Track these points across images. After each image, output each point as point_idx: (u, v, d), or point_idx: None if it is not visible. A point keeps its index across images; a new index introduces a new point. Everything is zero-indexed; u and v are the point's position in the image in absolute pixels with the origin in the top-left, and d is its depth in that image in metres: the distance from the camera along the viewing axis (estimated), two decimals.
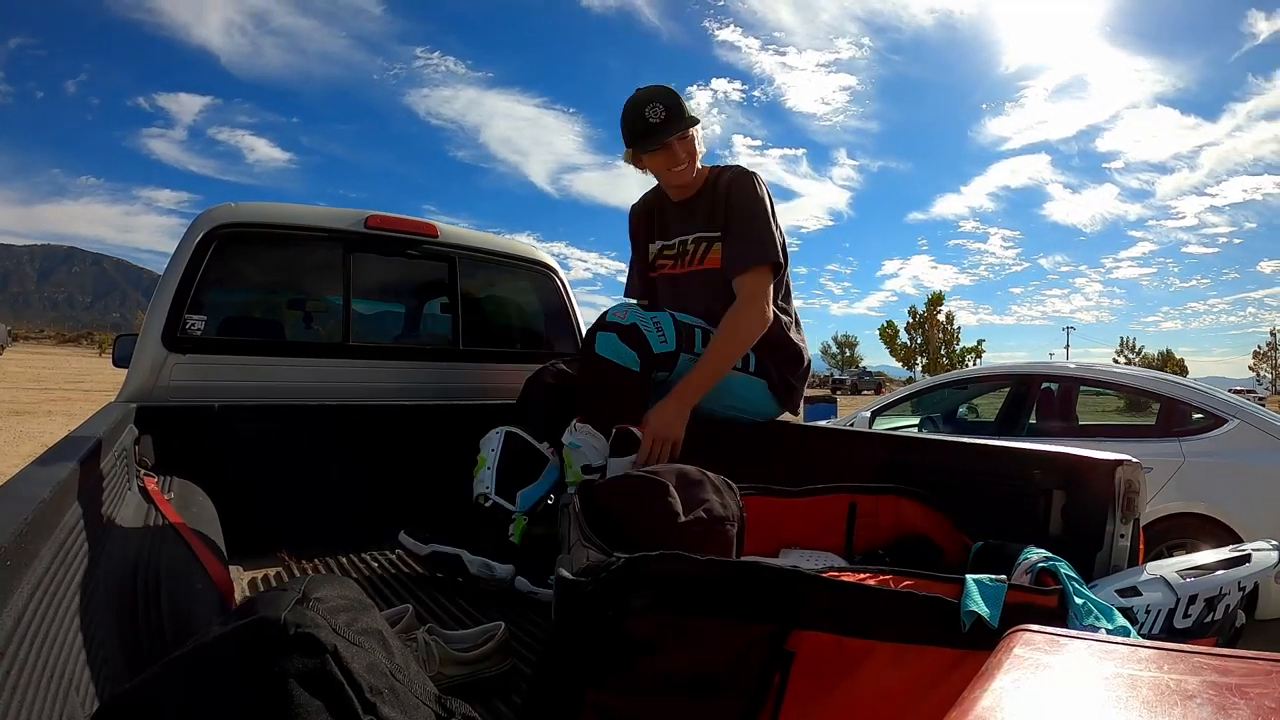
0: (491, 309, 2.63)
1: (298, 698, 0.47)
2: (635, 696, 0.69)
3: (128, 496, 1.22)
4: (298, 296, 2.34)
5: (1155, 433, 3.35)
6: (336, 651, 0.52)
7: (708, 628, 0.70)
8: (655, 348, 1.56)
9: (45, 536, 0.62)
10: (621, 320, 1.57)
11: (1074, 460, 1.18)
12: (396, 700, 0.56)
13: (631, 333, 1.55)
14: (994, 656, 0.43)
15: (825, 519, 1.35)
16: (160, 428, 1.64)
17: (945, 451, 1.43)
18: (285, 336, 2.26)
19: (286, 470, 1.88)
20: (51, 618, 0.59)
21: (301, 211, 2.09)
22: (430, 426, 2.08)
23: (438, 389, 2.23)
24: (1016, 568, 0.99)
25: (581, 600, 0.68)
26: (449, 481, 1.80)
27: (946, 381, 4.77)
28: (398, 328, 2.69)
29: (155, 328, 1.84)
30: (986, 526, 1.21)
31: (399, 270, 2.44)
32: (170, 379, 1.84)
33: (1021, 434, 3.69)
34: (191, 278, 1.86)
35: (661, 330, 1.58)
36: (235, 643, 0.50)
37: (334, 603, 0.59)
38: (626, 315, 1.58)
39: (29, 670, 0.51)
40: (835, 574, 0.76)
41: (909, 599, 0.76)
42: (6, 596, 0.50)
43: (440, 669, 1.05)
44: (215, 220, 1.92)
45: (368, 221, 2.13)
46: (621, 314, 1.59)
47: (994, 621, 0.76)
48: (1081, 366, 4.09)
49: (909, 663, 0.73)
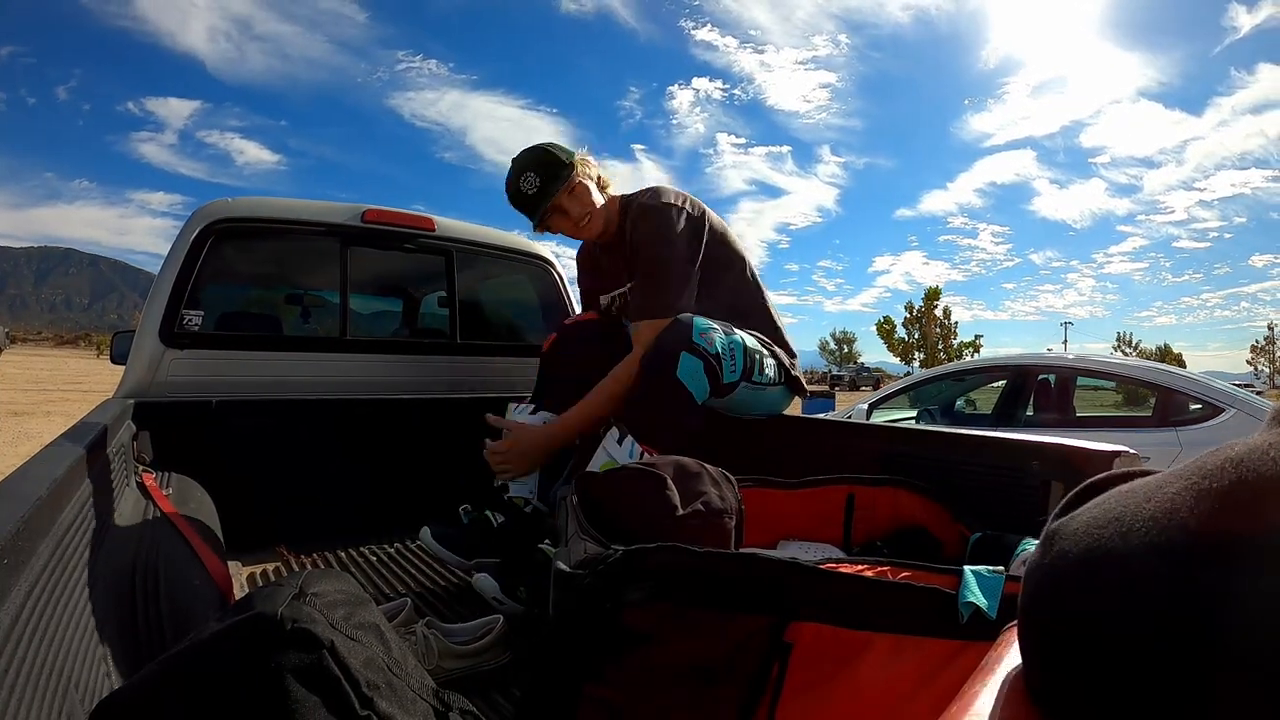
0: (489, 302, 2.63)
1: (295, 693, 0.47)
2: (633, 689, 0.69)
3: (126, 492, 1.22)
4: (295, 291, 2.34)
5: (1152, 423, 3.36)
6: (334, 646, 0.52)
7: (705, 620, 0.70)
8: (725, 379, 1.50)
9: (43, 533, 0.62)
10: (709, 348, 1.46)
11: (1071, 451, 1.18)
12: (394, 694, 0.56)
13: (712, 364, 1.46)
14: (993, 650, 0.42)
15: (824, 510, 1.35)
16: (158, 423, 1.64)
17: (942, 443, 1.43)
18: (282, 331, 2.25)
19: (285, 465, 1.88)
20: (50, 615, 0.59)
21: (298, 206, 2.09)
22: (428, 420, 2.08)
23: (435, 382, 2.23)
24: (1014, 558, 0.99)
25: (579, 593, 0.68)
26: (447, 474, 1.80)
27: (943, 374, 4.78)
28: (395, 322, 2.68)
29: (153, 323, 1.83)
30: (984, 518, 1.21)
31: (396, 264, 2.44)
32: (168, 375, 1.84)
33: (1019, 426, 3.69)
34: (188, 273, 1.86)
35: (734, 360, 1.52)
36: (232, 638, 0.50)
37: (331, 597, 0.59)
38: (714, 341, 1.47)
39: (28, 668, 0.51)
40: (833, 565, 0.76)
41: (907, 590, 0.76)
42: (4, 594, 0.50)
43: (439, 662, 1.05)
44: (211, 215, 1.92)
45: (365, 215, 2.12)
46: (708, 338, 1.47)
47: (992, 613, 0.76)
48: (1079, 357, 4.09)
49: (907, 654, 0.73)
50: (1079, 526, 0.26)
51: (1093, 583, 0.24)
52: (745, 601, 0.71)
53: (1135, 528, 0.23)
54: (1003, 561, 0.96)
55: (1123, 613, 0.22)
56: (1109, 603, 0.23)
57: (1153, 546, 0.22)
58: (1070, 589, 0.25)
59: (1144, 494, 0.25)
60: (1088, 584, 0.24)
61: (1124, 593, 0.22)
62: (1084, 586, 0.24)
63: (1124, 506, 0.25)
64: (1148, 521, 0.23)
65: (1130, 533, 0.23)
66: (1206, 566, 0.21)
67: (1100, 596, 0.24)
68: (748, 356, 1.56)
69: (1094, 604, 0.24)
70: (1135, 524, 0.23)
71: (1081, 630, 0.24)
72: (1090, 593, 0.24)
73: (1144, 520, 0.23)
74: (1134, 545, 0.23)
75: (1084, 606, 0.24)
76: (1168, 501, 0.23)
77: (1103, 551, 0.24)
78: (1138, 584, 0.22)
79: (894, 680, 0.72)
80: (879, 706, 0.72)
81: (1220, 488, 0.22)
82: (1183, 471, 0.24)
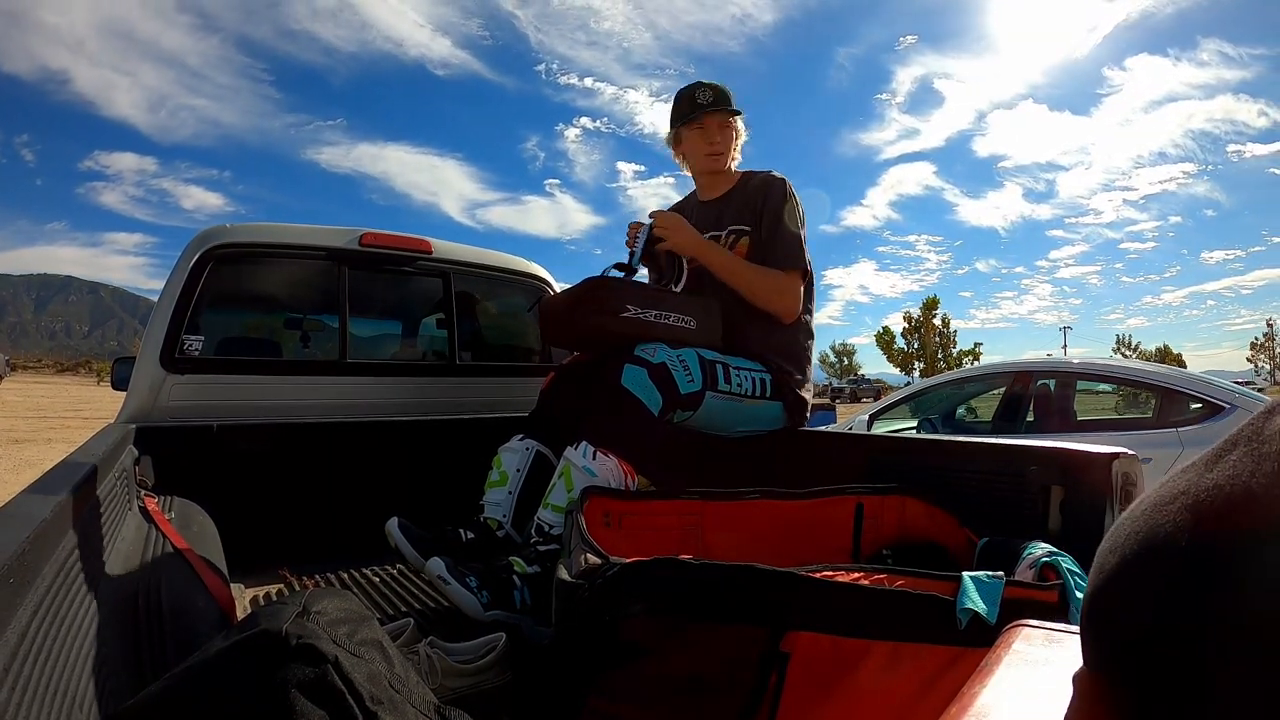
0: (486, 323, 2.65)
1: (300, 707, 0.48)
2: (633, 700, 0.69)
3: (128, 517, 1.23)
4: (294, 315, 2.35)
5: (1153, 424, 3.36)
6: (338, 662, 0.53)
7: (704, 631, 0.70)
8: (683, 388, 1.52)
9: (47, 555, 0.63)
10: (650, 358, 1.50)
11: (1070, 455, 1.18)
12: (397, 710, 0.56)
13: (659, 372, 1.49)
14: (992, 653, 0.42)
15: (833, 521, 1.35)
16: (160, 448, 1.65)
17: (943, 451, 1.44)
18: (282, 355, 2.26)
19: (287, 488, 1.88)
20: (54, 636, 0.60)
21: (296, 230, 2.11)
22: (428, 441, 2.09)
23: (435, 404, 2.23)
24: (1020, 563, 0.99)
25: (579, 605, 0.69)
26: (448, 496, 1.80)
27: (943, 382, 4.78)
28: (394, 344, 2.70)
29: (153, 349, 1.84)
30: (989, 524, 1.21)
31: (394, 287, 2.45)
32: (169, 400, 1.85)
33: (1019, 432, 3.69)
34: (188, 299, 1.87)
35: (689, 369, 1.54)
36: (238, 654, 0.51)
37: (334, 615, 0.60)
38: (655, 353, 1.52)
39: (33, 688, 0.52)
40: (829, 574, 0.76)
41: (904, 598, 0.77)
42: (9, 615, 0.50)
43: (442, 681, 1.05)
44: (210, 241, 1.93)
45: (362, 239, 2.14)
46: (650, 351, 1.52)
47: (991, 618, 0.76)
48: (1083, 362, 4.10)
49: (906, 661, 0.73)
50: (1144, 507, 0.26)
51: (1158, 560, 0.24)
52: (742, 612, 0.71)
53: (1202, 499, 0.23)
54: (1010, 567, 0.97)
55: (1189, 585, 0.22)
56: (1175, 577, 0.23)
57: (1217, 515, 0.22)
58: (1135, 569, 0.25)
59: (1204, 464, 0.24)
60: (1152, 562, 0.24)
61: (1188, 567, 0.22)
62: (1148, 564, 0.24)
63: (1188, 480, 0.24)
64: (1212, 490, 0.23)
65: (1199, 504, 0.23)
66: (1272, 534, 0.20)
67: (1166, 572, 0.23)
68: (706, 365, 1.59)
69: (1159, 582, 0.23)
70: (1201, 495, 0.23)
71: (1150, 607, 0.23)
72: (1156, 569, 0.24)
73: (1208, 490, 0.23)
74: (1202, 515, 0.23)
75: (1150, 585, 0.24)
76: (1229, 467, 0.23)
77: (1171, 526, 0.23)
78: (1202, 557, 0.22)
79: (892, 688, 0.73)
80: (878, 714, 0.72)
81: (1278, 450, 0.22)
82: (1237, 437, 0.24)
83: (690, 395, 1.54)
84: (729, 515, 1.33)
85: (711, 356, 1.64)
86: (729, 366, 1.65)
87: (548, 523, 1.42)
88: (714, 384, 1.60)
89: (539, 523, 1.43)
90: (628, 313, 1.58)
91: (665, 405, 1.50)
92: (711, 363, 1.62)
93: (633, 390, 1.47)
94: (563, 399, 1.75)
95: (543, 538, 1.41)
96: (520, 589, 1.33)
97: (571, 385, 1.77)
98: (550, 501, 1.44)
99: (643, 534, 1.29)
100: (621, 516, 1.30)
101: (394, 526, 1.53)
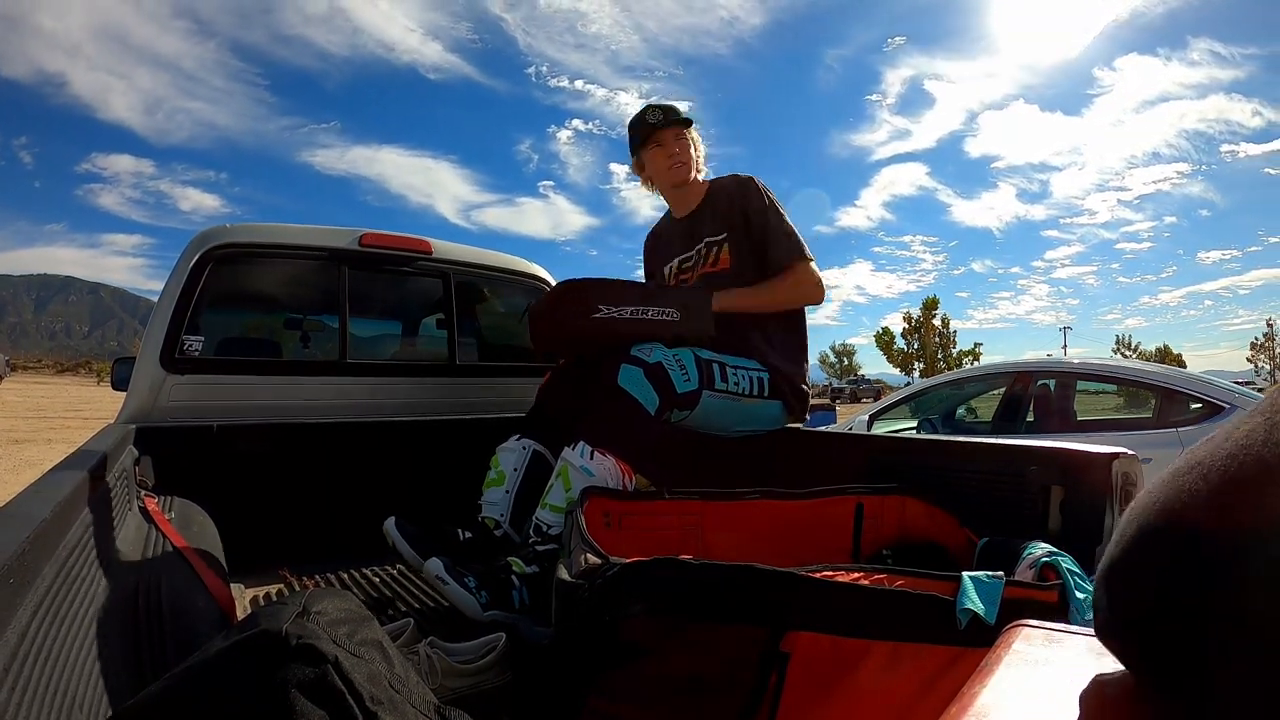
0: (487, 323, 2.65)
1: (300, 707, 0.48)
2: (633, 701, 0.69)
3: (128, 516, 1.23)
4: (294, 315, 2.35)
5: (1153, 424, 3.36)
6: (338, 661, 0.53)
7: (704, 631, 0.70)
8: (680, 387, 1.52)
9: (47, 555, 0.63)
10: (646, 358, 1.51)
11: (1070, 455, 1.18)
12: (397, 710, 0.56)
13: (656, 371, 1.50)
14: (992, 653, 0.42)
15: (833, 521, 1.35)
16: (160, 448, 1.65)
17: (943, 451, 1.44)
18: (282, 355, 2.26)
19: (286, 488, 1.88)
20: (54, 636, 0.60)
21: (296, 230, 2.11)
22: (428, 442, 2.09)
23: (435, 404, 2.23)
24: (1020, 563, 0.99)
25: (579, 605, 0.69)
26: (448, 496, 1.80)
27: (943, 382, 4.78)
28: (394, 344, 2.69)
29: (153, 349, 1.84)
30: (989, 524, 1.21)
31: (394, 287, 2.45)
32: (169, 400, 1.85)
33: (1019, 432, 3.69)
34: (188, 299, 1.87)
35: (685, 369, 1.55)
36: (237, 654, 0.51)
37: (334, 615, 0.60)
38: (651, 353, 1.53)
39: (33, 688, 0.52)
40: (829, 574, 0.76)
41: (904, 598, 0.77)
42: (9, 615, 0.50)
43: (442, 681, 1.05)
44: (210, 241, 1.93)
45: (362, 239, 2.14)
46: (646, 351, 1.53)
47: (990, 618, 0.76)
48: (1082, 362, 4.10)
49: (905, 661, 0.73)
50: (1165, 476, 0.26)
51: (1174, 529, 0.24)
52: (742, 612, 0.71)
53: (1215, 467, 0.23)
54: (1010, 567, 0.97)
55: (1207, 549, 0.22)
56: (1193, 542, 0.23)
57: (1232, 481, 0.22)
58: (1150, 538, 0.25)
59: (1223, 435, 0.25)
60: (1167, 531, 0.24)
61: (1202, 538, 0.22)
62: (1163, 532, 0.24)
63: (1206, 450, 0.25)
64: (1226, 459, 0.23)
65: (1210, 473, 0.23)
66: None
67: (1185, 537, 0.23)
68: (702, 364, 1.58)
69: (1178, 546, 0.24)
70: (1215, 463, 0.23)
71: (1167, 573, 0.24)
72: (1171, 537, 0.24)
73: (1222, 459, 0.23)
74: (1214, 484, 0.23)
75: (1168, 548, 0.24)
76: (1243, 436, 0.23)
77: (1187, 494, 0.24)
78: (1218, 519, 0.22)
79: (892, 688, 0.73)
80: (878, 714, 0.72)
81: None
82: (1258, 407, 0.24)
83: (687, 394, 1.54)
84: (729, 515, 1.33)
85: (708, 356, 1.63)
86: (726, 366, 1.65)
87: (546, 522, 1.42)
88: (711, 383, 1.60)
89: (537, 522, 1.43)
90: (599, 313, 1.58)
91: (662, 405, 1.50)
92: (708, 362, 1.62)
93: (629, 390, 1.48)
94: (560, 399, 1.76)
95: (541, 537, 1.41)
96: (519, 589, 1.33)
97: (568, 385, 1.78)
98: (548, 501, 1.44)
99: (643, 534, 1.29)
100: (621, 517, 1.30)
101: (391, 526, 1.53)
